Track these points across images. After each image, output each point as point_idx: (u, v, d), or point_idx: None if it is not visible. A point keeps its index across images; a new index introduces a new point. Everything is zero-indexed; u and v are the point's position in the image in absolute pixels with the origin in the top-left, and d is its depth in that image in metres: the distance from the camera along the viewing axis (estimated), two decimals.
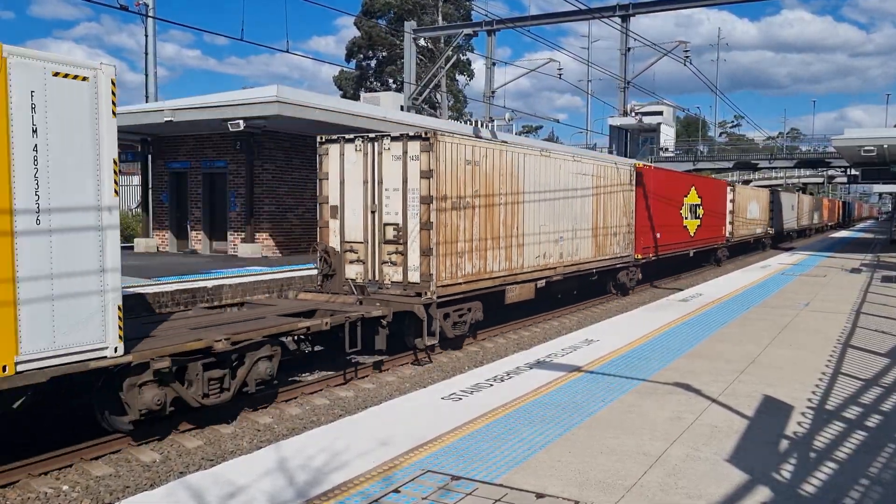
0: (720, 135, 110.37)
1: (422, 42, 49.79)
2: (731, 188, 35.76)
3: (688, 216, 27.88)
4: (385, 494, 5.24)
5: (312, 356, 12.82)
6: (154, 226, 25.21)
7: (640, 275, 23.22)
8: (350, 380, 11.72)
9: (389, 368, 12.64)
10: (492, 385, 8.39)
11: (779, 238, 48.04)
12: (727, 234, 34.53)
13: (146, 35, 32.34)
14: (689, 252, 28.61)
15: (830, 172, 75.10)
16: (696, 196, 28.79)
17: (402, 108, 36.22)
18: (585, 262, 18.88)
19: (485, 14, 45.76)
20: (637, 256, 22.29)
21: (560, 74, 45.90)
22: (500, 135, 31.79)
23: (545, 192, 16.48)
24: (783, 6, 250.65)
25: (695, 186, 28.88)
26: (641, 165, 23.61)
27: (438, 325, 12.94)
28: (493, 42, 44.65)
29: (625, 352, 10.34)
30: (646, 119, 54.87)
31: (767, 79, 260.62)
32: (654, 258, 23.98)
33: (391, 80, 64.02)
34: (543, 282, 16.65)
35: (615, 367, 9.30)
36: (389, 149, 13.04)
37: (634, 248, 22.12)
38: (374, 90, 60.76)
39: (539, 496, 5.23)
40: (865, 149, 25.71)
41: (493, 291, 14.74)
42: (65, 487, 7.47)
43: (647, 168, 24.34)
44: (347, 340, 11.26)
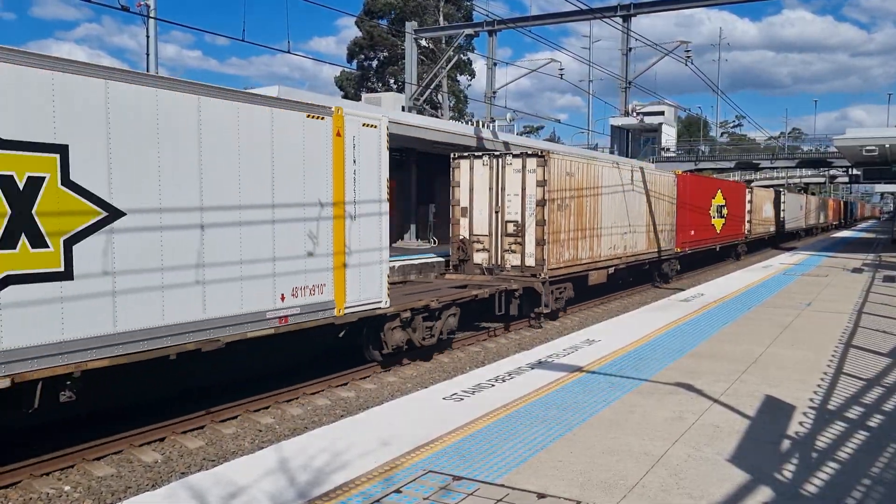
0: (722, 135, 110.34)
1: (423, 42, 49.82)
2: (750, 190, 38.74)
3: (715, 216, 31.30)
4: (386, 495, 5.24)
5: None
6: None
7: (679, 266, 26.70)
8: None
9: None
10: (493, 385, 8.38)
11: (790, 236, 51.56)
12: (746, 232, 37.69)
13: (147, 36, 32.31)
14: (716, 247, 32.36)
15: (832, 172, 75.02)
16: (722, 198, 32.11)
17: (404, 109, 36.22)
18: (641, 254, 22.85)
19: (486, 14, 45.79)
20: (677, 250, 25.99)
21: (561, 75, 45.91)
22: (501, 135, 31.79)
23: (617, 194, 20.32)
24: (784, 6, 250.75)
25: (720, 189, 32.35)
26: (680, 173, 27.60)
27: (548, 298, 16.79)
28: (495, 42, 44.65)
29: (626, 352, 10.34)
30: (647, 119, 54.83)
31: (769, 78, 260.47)
32: (690, 252, 27.50)
33: (392, 81, 64.00)
34: (612, 269, 20.39)
35: (616, 367, 9.30)
36: (511, 164, 16.76)
37: (675, 243, 25.76)
38: (376, 90, 60.78)
39: (541, 496, 5.22)
40: (867, 148, 25.69)
41: (581, 275, 18.60)
42: (67, 488, 7.48)
43: (684, 175, 28.32)
44: (497, 305, 15.55)
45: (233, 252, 8.98)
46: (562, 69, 45.60)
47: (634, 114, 50.22)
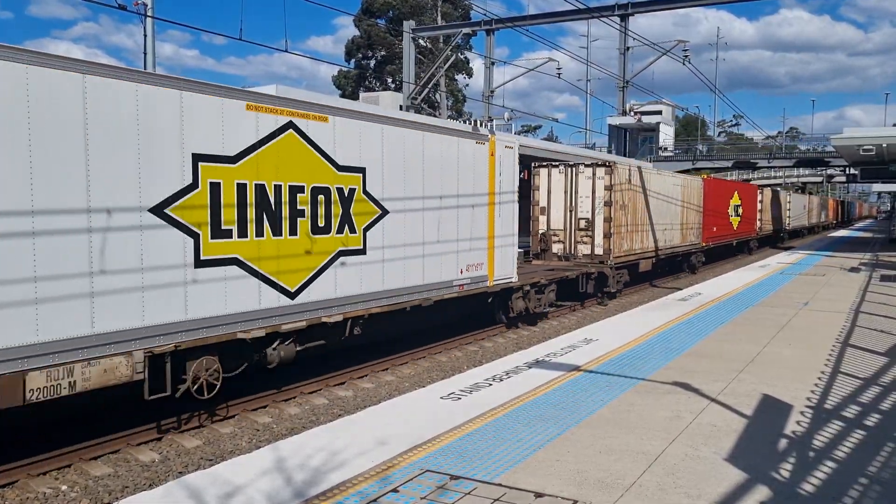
0: (719, 134, 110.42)
1: (421, 41, 49.80)
2: (760, 191, 42.64)
3: (732, 214, 35.17)
4: (383, 494, 5.24)
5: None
6: None
7: (704, 258, 30.48)
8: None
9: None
10: (491, 384, 8.38)
11: (794, 233, 56.16)
12: (757, 229, 41.79)
13: (145, 35, 32.24)
14: (733, 242, 36.37)
15: (829, 172, 75.09)
16: (738, 198, 36.22)
17: (402, 108, 36.15)
18: (677, 247, 26.78)
19: (483, 13, 45.80)
20: (703, 244, 29.91)
21: (559, 74, 45.84)
22: (500, 134, 31.81)
23: (659, 196, 24.13)
24: (781, 5, 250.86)
25: (737, 191, 36.48)
26: (706, 177, 32.02)
27: (612, 281, 20.60)
28: (492, 41, 44.67)
29: (623, 351, 10.34)
30: (645, 118, 54.78)
31: (766, 78, 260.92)
32: (713, 245, 31.57)
33: (390, 80, 63.97)
34: (655, 259, 24.20)
35: (614, 367, 9.30)
36: (583, 172, 20.62)
37: (701, 238, 29.61)
38: (374, 89, 60.72)
39: (538, 495, 5.22)
40: (864, 148, 25.70)
41: (633, 263, 22.36)
42: (64, 487, 7.46)
43: (709, 179, 33.07)
44: (580, 285, 19.44)
45: (436, 234, 13.09)
46: (559, 68, 45.55)
47: (632, 113, 50.18)
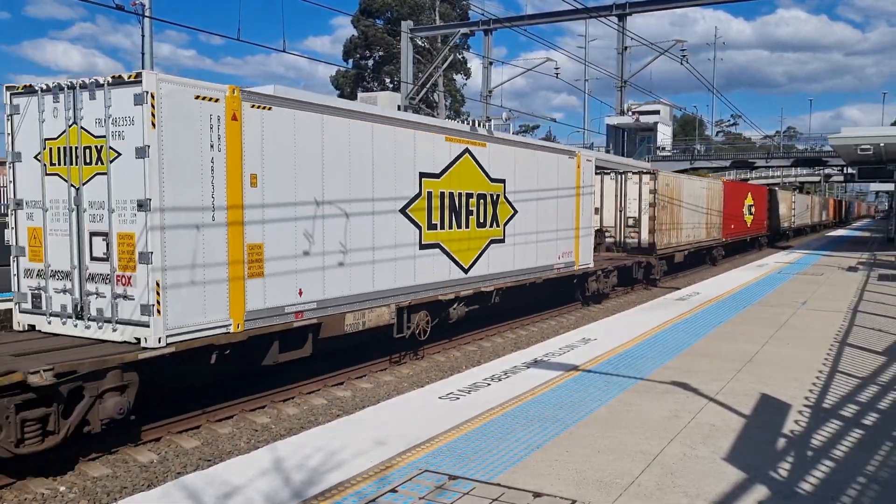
0: (717, 134, 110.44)
1: (419, 41, 49.78)
2: (770, 192, 46.63)
3: (746, 213, 38.93)
4: (382, 494, 5.23)
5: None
6: None
7: (724, 251, 34.58)
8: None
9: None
10: (489, 384, 8.38)
11: (798, 231, 60.26)
12: (767, 227, 45.51)
13: (143, 35, 32.19)
14: (747, 238, 40.22)
15: (827, 171, 75.20)
16: (751, 199, 40.18)
17: (400, 108, 36.10)
18: (702, 242, 30.67)
19: (481, 13, 45.81)
20: (723, 239, 33.81)
21: (557, 74, 45.82)
22: (498, 134, 31.77)
23: (690, 198, 28.06)
24: (778, 5, 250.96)
25: (750, 192, 40.51)
26: (725, 180, 36.93)
27: (656, 269, 24.60)
28: (490, 41, 44.68)
29: (622, 351, 10.35)
30: (643, 118, 54.81)
31: (763, 78, 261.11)
32: (731, 241, 35.54)
33: (389, 80, 63.96)
34: (686, 252, 28.29)
35: (612, 366, 9.31)
36: (631, 178, 24.67)
37: (721, 234, 33.43)
38: (372, 90, 60.69)
39: (536, 495, 5.22)
40: (862, 147, 25.71)
41: (670, 255, 26.41)
42: (62, 488, 7.45)
43: (728, 181, 38.57)
44: (634, 271, 23.02)
45: (543, 227, 16.78)
46: (557, 68, 45.53)
47: (630, 113, 50.21)
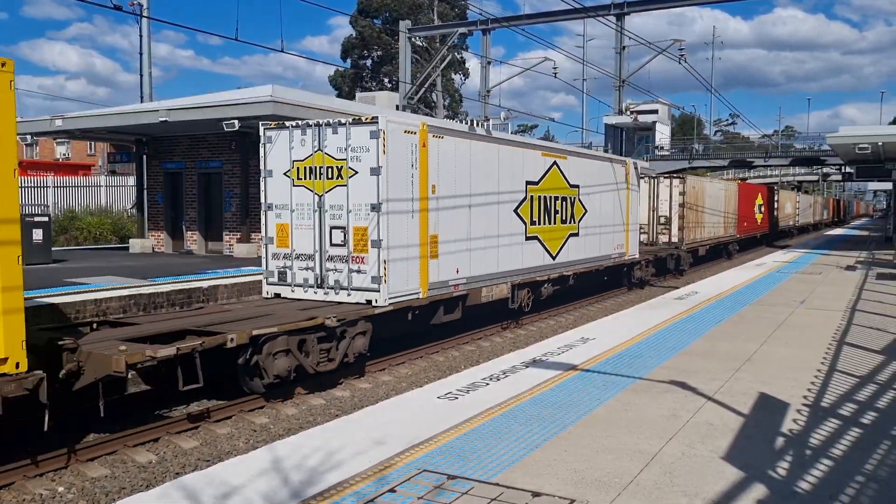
0: (716, 133, 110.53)
1: (417, 41, 49.76)
2: (777, 192, 50.06)
3: (756, 212, 41.97)
4: (380, 494, 5.23)
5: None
6: (149, 226, 25.15)
7: (738, 247, 37.24)
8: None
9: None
10: (488, 384, 8.38)
11: (801, 229, 62.97)
12: (774, 224, 48.51)
13: (140, 35, 32.22)
14: (757, 234, 42.90)
15: (825, 170, 75.24)
16: (762, 199, 43.18)
17: (398, 108, 36.14)
18: (721, 238, 33.75)
19: (479, 13, 45.82)
20: (738, 236, 36.85)
21: (555, 73, 45.87)
22: (497, 134, 31.77)
23: (711, 198, 30.97)
24: (776, 4, 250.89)
25: (760, 192, 43.41)
26: (740, 182, 40.29)
27: (684, 261, 27.25)
28: (488, 41, 44.67)
29: (620, 350, 10.35)
30: (641, 117, 54.83)
31: (761, 77, 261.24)
32: (744, 237, 38.51)
33: (387, 80, 63.94)
34: (708, 246, 31.22)
35: (611, 366, 9.31)
36: (663, 182, 27.50)
37: (736, 231, 36.46)
38: (370, 89, 60.67)
39: (535, 495, 5.22)
40: (860, 146, 25.75)
41: (696, 249, 29.11)
42: (60, 489, 7.44)
43: (742, 183, 41.67)
44: (667, 262, 25.86)
45: (604, 222, 19.47)
46: (555, 68, 45.58)
47: (629, 112, 50.23)
